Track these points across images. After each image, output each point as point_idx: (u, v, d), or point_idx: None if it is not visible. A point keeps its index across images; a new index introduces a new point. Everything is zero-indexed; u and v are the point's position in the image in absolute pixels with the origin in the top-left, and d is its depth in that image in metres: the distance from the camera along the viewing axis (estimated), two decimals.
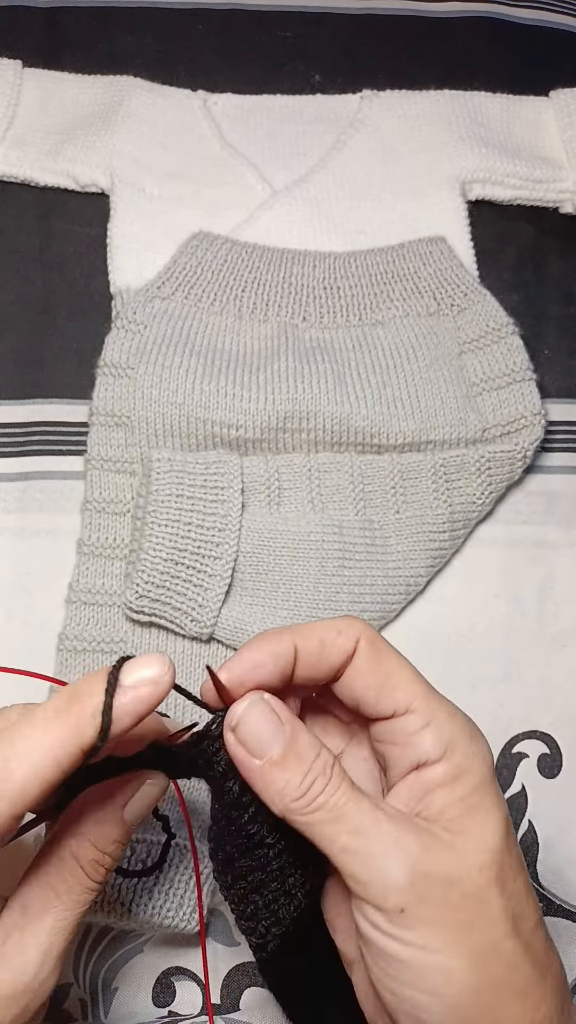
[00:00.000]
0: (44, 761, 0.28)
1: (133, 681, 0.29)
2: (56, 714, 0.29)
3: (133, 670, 0.30)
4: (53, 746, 0.28)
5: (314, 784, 0.31)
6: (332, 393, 0.53)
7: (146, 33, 0.65)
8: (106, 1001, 0.47)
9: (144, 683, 0.29)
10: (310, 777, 0.31)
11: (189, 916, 0.45)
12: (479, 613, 0.54)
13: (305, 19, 0.67)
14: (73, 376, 0.56)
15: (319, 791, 0.31)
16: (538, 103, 0.64)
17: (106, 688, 0.29)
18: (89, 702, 0.29)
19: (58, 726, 0.29)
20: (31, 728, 0.29)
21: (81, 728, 0.29)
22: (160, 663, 0.30)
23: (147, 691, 0.29)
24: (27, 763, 0.28)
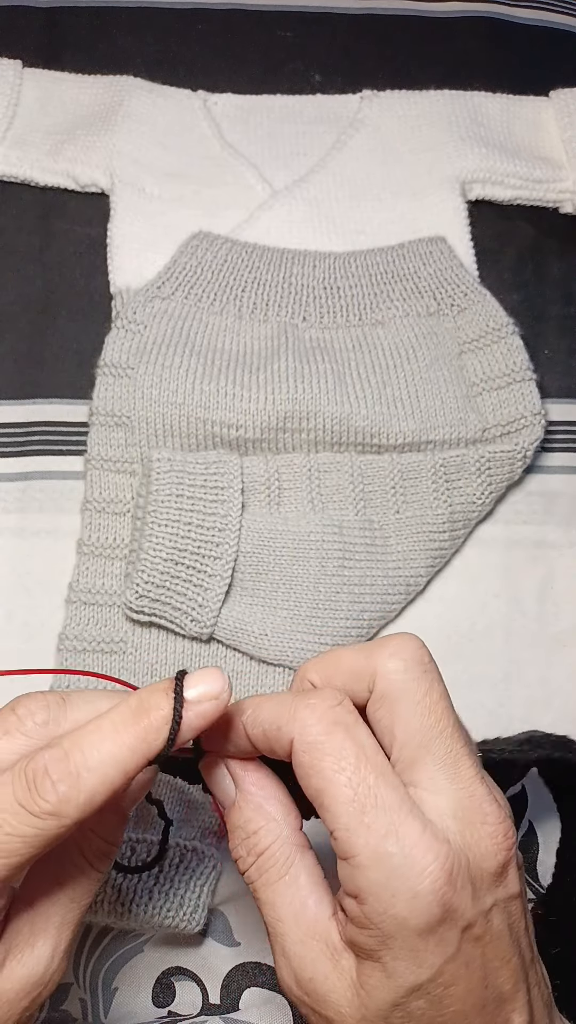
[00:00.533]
0: (114, 773, 0.29)
1: (196, 696, 0.30)
2: (124, 726, 0.29)
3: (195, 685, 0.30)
4: (122, 757, 0.29)
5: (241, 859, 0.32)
6: (332, 393, 0.53)
7: (146, 33, 0.65)
8: (106, 1001, 0.47)
9: (206, 698, 0.30)
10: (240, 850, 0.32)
11: (189, 916, 0.45)
12: (479, 613, 0.54)
13: (305, 19, 0.67)
14: (73, 376, 0.56)
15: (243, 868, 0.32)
16: (538, 103, 0.64)
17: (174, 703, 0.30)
18: (156, 715, 0.29)
19: (127, 737, 0.29)
20: (101, 738, 0.29)
21: (148, 740, 0.29)
22: (220, 679, 0.30)
23: (209, 706, 0.30)
24: (98, 774, 0.29)
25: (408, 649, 0.32)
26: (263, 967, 0.48)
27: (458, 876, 0.29)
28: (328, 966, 0.30)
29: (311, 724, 0.30)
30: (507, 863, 0.30)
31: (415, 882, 0.28)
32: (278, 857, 0.31)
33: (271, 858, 0.31)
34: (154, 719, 0.29)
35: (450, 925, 0.28)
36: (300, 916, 0.31)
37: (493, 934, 0.29)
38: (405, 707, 0.31)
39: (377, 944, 0.29)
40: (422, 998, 0.29)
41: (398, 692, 0.31)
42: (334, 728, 0.30)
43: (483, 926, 0.29)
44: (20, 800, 0.28)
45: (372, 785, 0.29)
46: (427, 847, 0.28)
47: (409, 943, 0.28)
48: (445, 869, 0.28)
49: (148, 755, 0.29)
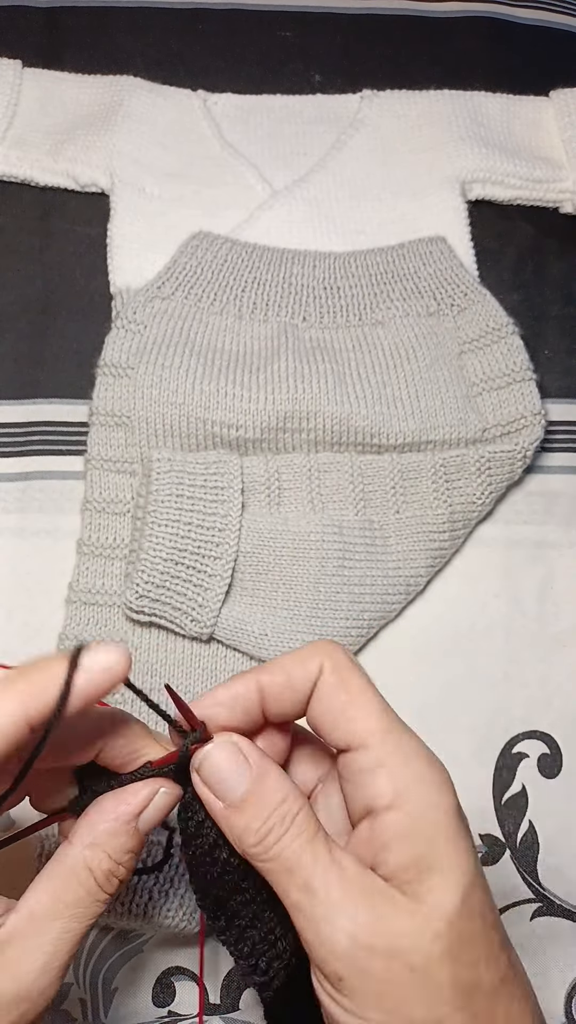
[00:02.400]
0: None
1: (88, 664, 0.29)
2: (2, 688, 0.29)
3: (91, 653, 0.29)
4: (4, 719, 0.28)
5: (271, 832, 0.31)
6: (332, 393, 0.53)
7: (146, 33, 0.65)
8: (106, 1001, 0.47)
9: (99, 668, 0.29)
10: (268, 824, 0.31)
11: (189, 916, 0.45)
12: (479, 613, 0.54)
13: (305, 19, 0.67)
14: (73, 376, 0.56)
15: (275, 840, 0.30)
16: (538, 103, 0.64)
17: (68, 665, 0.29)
18: (38, 678, 0.29)
19: (3, 699, 0.28)
20: None
21: (28, 703, 0.28)
22: (118, 653, 0.30)
23: (101, 677, 0.29)
24: None
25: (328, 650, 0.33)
26: None
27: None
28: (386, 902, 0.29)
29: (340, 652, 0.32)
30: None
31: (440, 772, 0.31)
32: (311, 818, 0.31)
33: (307, 817, 0.31)
34: (37, 681, 0.29)
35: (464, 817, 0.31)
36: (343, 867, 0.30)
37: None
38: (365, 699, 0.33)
39: (425, 847, 0.30)
40: (476, 890, 0.30)
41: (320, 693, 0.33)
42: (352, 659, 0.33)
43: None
44: None
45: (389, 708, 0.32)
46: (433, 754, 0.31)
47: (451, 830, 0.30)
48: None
49: (29, 716, 0.28)
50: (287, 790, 0.31)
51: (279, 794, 0.31)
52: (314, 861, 0.30)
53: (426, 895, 0.29)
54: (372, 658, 0.52)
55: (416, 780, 0.30)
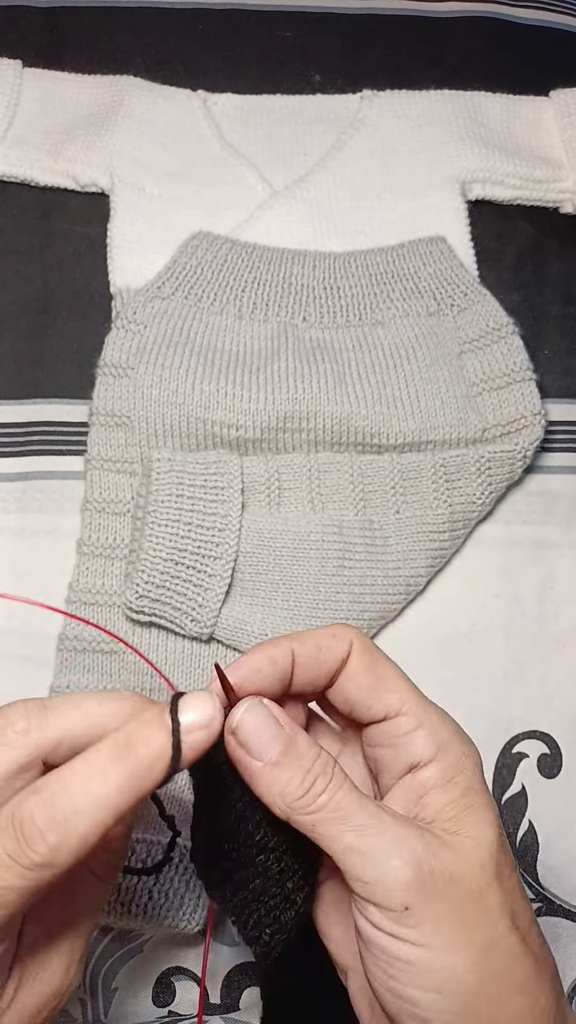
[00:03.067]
0: (104, 814, 0.28)
1: (188, 724, 0.29)
2: (112, 764, 0.28)
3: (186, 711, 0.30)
4: (111, 797, 0.28)
5: (316, 783, 0.31)
6: (332, 393, 0.53)
7: (146, 33, 0.65)
8: (106, 1001, 0.47)
9: (197, 727, 0.29)
10: (311, 776, 0.31)
11: (189, 916, 0.45)
12: (479, 613, 0.54)
13: (305, 19, 0.67)
14: (73, 376, 0.56)
15: (321, 790, 0.31)
16: (538, 103, 0.64)
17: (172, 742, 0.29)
18: (146, 750, 0.29)
19: (115, 776, 0.28)
20: (88, 779, 0.28)
21: (139, 776, 0.29)
22: (212, 705, 0.30)
23: (201, 736, 0.29)
24: (87, 817, 0.28)
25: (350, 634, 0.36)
26: None
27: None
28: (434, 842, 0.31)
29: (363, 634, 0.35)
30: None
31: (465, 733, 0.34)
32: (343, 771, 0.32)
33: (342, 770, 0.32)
34: (144, 755, 0.29)
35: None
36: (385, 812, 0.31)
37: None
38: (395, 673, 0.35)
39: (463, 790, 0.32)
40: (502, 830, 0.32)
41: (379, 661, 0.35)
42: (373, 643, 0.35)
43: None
44: (10, 853, 0.28)
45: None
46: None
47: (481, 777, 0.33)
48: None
49: (140, 793, 0.29)
50: (318, 747, 0.32)
51: (314, 749, 0.32)
52: (361, 806, 0.31)
53: (468, 830, 0.32)
54: None
55: (452, 736, 0.33)
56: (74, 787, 0.28)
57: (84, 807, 0.28)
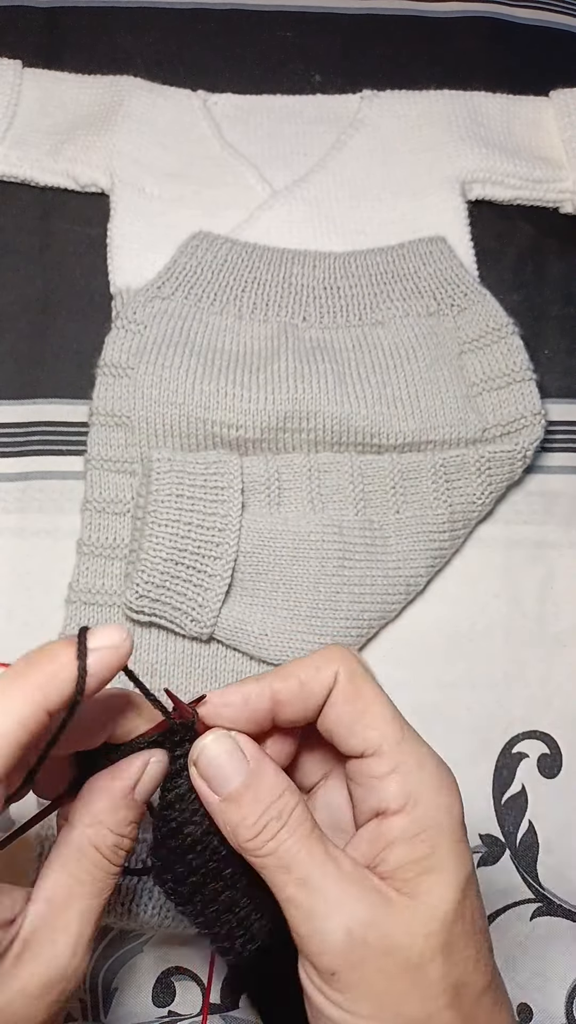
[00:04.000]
0: (9, 725, 0.28)
1: (95, 645, 0.30)
2: (15, 679, 0.29)
3: (95, 635, 0.30)
4: (16, 709, 0.28)
5: (267, 827, 0.31)
6: (332, 393, 0.53)
7: (146, 33, 0.65)
8: (106, 1001, 0.47)
9: (105, 647, 0.30)
10: (264, 819, 0.31)
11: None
12: (479, 613, 0.54)
13: (305, 19, 0.67)
14: (73, 376, 0.56)
15: (271, 835, 0.31)
16: (538, 103, 0.64)
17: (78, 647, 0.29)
18: (49, 665, 0.29)
19: (19, 690, 0.29)
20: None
21: (45, 689, 0.29)
22: (120, 631, 0.30)
23: (107, 655, 0.30)
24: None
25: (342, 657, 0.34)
26: None
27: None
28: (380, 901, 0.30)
29: (354, 659, 0.33)
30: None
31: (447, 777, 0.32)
32: (307, 814, 0.32)
33: (302, 813, 0.31)
34: (47, 668, 0.29)
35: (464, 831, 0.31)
36: (339, 863, 0.31)
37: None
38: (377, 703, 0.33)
39: (429, 848, 0.30)
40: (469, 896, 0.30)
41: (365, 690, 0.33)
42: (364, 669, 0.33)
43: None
44: None
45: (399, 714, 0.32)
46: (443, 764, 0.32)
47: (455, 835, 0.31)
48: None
49: (47, 705, 0.29)
50: (283, 786, 0.32)
51: (276, 789, 0.32)
52: (310, 857, 0.30)
53: (424, 895, 0.30)
54: (372, 658, 0.52)
55: (426, 786, 0.31)
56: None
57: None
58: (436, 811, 0.31)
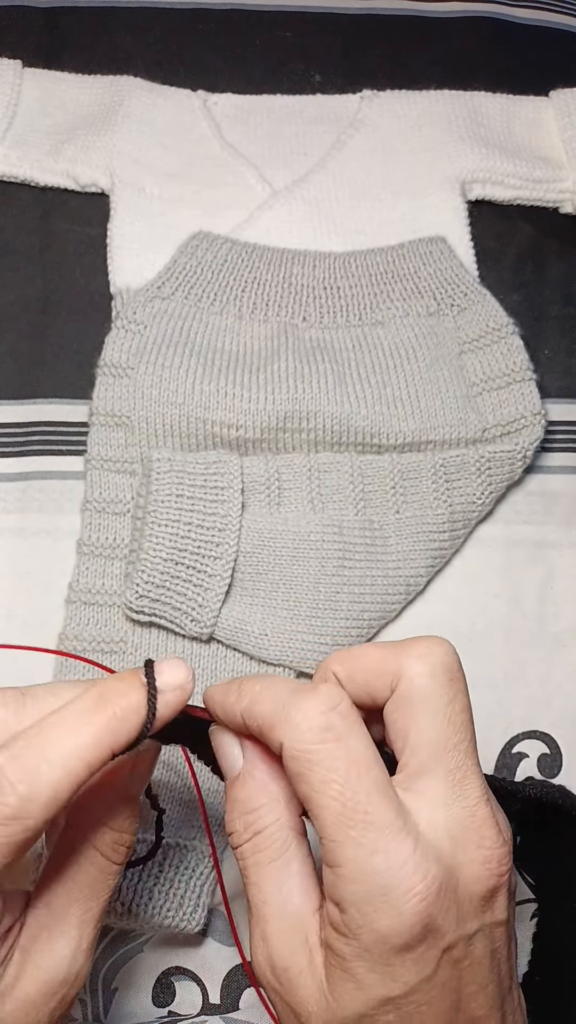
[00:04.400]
0: (77, 765, 0.28)
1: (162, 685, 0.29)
2: (87, 716, 0.28)
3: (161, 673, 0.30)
4: (85, 749, 0.28)
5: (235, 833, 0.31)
6: (332, 393, 0.53)
7: (146, 33, 0.65)
8: (106, 1001, 0.47)
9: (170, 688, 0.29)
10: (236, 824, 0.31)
11: (189, 916, 0.45)
12: (479, 613, 0.54)
13: (305, 19, 0.67)
14: (73, 376, 0.56)
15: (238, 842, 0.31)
16: (538, 103, 0.64)
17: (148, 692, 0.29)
18: (118, 704, 0.29)
19: (91, 727, 0.28)
20: (62, 732, 0.28)
21: (114, 729, 0.28)
22: (185, 669, 0.30)
23: (174, 696, 0.29)
24: (59, 768, 0.27)
25: (437, 654, 0.31)
26: None
27: (444, 898, 0.28)
28: (304, 961, 0.29)
29: (302, 731, 0.29)
30: (497, 889, 0.29)
31: (399, 901, 0.27)
32: (275, 839, 0.31)
33: (268, 838, 0.31)
34: (119, 709, 0.29)
35: (430, 945, 0.28)
36: (286, 904, 0.30)
37: (473, 959, 0.29)
38: (424, 714, 0.30)
39: (353, 953, 0.28)
40: (392, 1012, 0.28)
41: (420, 697, 0.30)
42: (325, 736, 0.29)
43: (464, 950, 0.29)
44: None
45: (363, 800, 0.28)
46: (415, 866, 0.28)
47: (385, 958, 0.28)
48: (432, 889, 0.28)
49: (115, 746, 0.28)
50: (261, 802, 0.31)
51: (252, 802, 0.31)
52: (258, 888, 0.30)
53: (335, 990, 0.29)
54: None
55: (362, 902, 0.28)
56: (47, 739, 0.28)
57: (56, 758, 0.27)
58: (363, 931, 0.28)
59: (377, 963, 0.28)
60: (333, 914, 0.29)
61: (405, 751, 0.30)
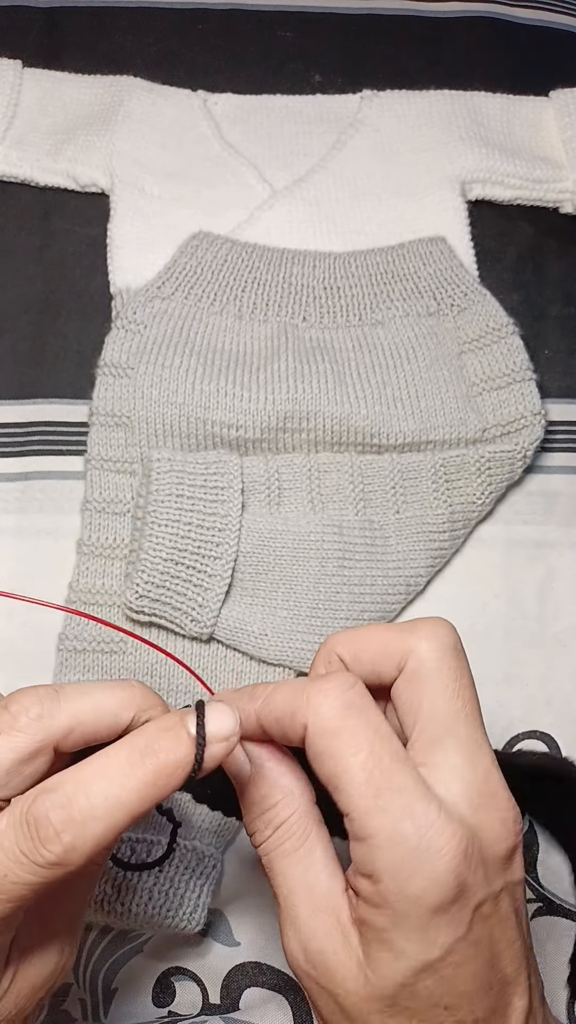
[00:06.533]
0: (122, 818, 0.28)
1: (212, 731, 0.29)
2: (132, 768, 0.28)
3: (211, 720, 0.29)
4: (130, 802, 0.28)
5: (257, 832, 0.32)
6: (332, 393, 0.53)
7: (146, 33, 0.65)
8: (106, 1001, 0.47)
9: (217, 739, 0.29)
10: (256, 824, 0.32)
11: (189, 916, 0.45)
12: (479, 613, 0.54)
13: (305, 19, 0.67)
14: (73, 376, 0.56)
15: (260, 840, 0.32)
16: (538, 103, 0.64)
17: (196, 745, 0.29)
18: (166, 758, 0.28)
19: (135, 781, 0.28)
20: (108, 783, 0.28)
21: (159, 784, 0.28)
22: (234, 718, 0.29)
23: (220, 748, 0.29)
24: (104, 822, 0.28)
25: (443, 633, 0.33)
26: (263, 967, 0.48)
27: (473, 856, 0.29)
28: (338, 941, 0.30)
29: (325, 709, 0.30)
30: (515, 847, 0.31)
31: (433, 861, 0.28)
32: (295, 829, 0.31)
33: (289, 829, 0.31)
34: (166, 762, 0.28)
35: (463, 904, 0.29)
36: (314, 889, 0.31)
37: (501, 915, 0.30)
38: (434, 689, 0.31)
39: (389, 923, 0.29)
40: (430, 977, 0.29)
41: (429, 673, 0.32)
42: (348, 712, 0.30)
43: (492, 906, 0.30)
44: (23, 850, 0.28)
45: (387, 768, 0.29)
46: (443, 827, 0.29)
47: (422, 922, 0.28)
48: (461, 849, 0.29)
49: (158, 798, 0.28)
50: (278, 797, 0.32)
51: (269, 799, 0.32)
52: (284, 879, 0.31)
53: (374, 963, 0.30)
54: None
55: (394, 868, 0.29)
56: (93, 789, 0.28)
57: (102, 810, 0.27)
58: (399, 898, 0.29)
59: (414, 929, 0.29)
60: (366, 888, 0.29)
61: (417, 725, 0.31)
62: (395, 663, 0.32)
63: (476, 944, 0.29)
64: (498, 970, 0.30)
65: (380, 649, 0.33)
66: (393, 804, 0.29)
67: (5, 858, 0.28)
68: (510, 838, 0.30)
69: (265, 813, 0.32)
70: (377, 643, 0.33)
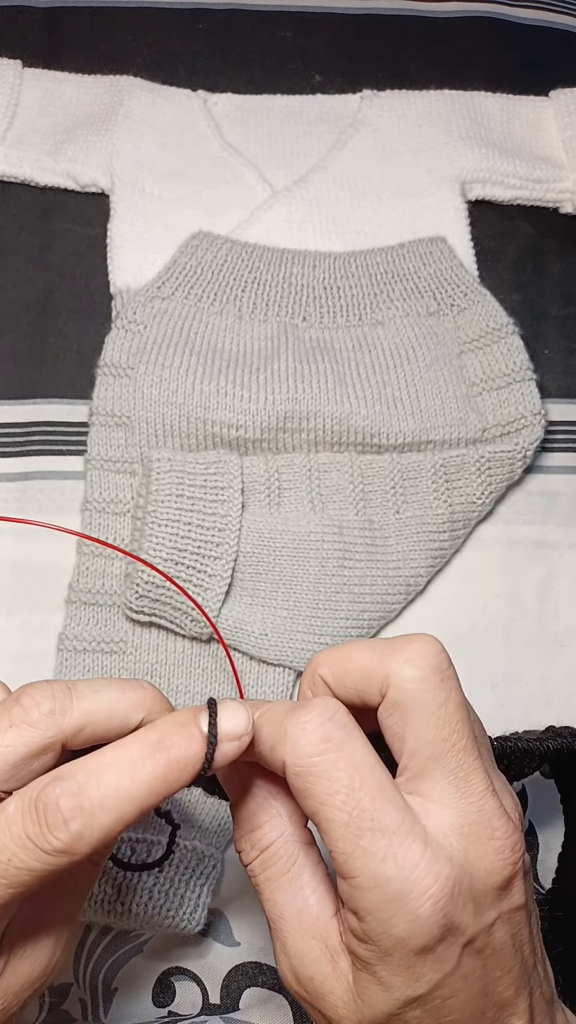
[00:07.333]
0: (130, 810, 0.28)
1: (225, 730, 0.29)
2: (144, 762, 0.28)
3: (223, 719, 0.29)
4: (140, 795, 0.28)
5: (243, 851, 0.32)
6: (332, 393, 0.53)
7: (146, 33, 0.65)
8: (106, 1001, 0.47)
9: (228, 739, 0.29)
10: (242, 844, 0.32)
11: (189, 916, 0.45)
12: (479, 613, 0.54)
13: (305, 19, 0.67)
14: (73, 376, 0.56)
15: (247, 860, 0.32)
16: (538, 103, 0.64)
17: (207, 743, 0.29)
18: (178, 755, 0.28)
19: (146, 775, 0.28)
20: (119, 774, 0.28)
21: (169, 780, 0.28)
22: (247, 718, 0.29)
23: (232, 747, 0.29)
24: (113, 813, 0.28)
25: (426, 656, 0.30)
26: (263, 967, 0.48)
27: (460, 896, 0.28)
28: (327, 967, 0.30)
29: (303, 743, 0.29)
30: (513, 877, 0.29)
31: (415, 905, 0.27)
32: (282, 854, 0.31)
33: (275, 854, 0.31)
34: (178, 757, 0.28)
35: (450, 943, 0.28)
36: (302, 914, 0.30)
37: (495, 946, 0.29)
38: (418, 717, 0.30)
39: (375, 958, 0.28)
40: (419, 1008, 0.28)
41: (411, 702, 0.30)
42: (324, 748, 0.28)
43: (484, 940, 0.29)
44: (30, 835, 0.28)
45: (367, 807, 0.28)
46: (427, 869, 0.28)
47: (407, 960, 0.28)
48: (447, 890, 0.28)
49: (167, 793, 0.28)
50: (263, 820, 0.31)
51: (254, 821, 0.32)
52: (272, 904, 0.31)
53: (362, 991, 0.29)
54: None
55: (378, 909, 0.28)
56: (104, 779, 0.28)
57: (111, 801, 0.28)
58: (383, 937, 0.28)
59: (399, 966, 0.28)
60: (352, 922, 0.29)
61: (404, 754, 0.30)
62: (377, 688, 0.31)
63: (466, 977, 0.29)
64: (493, 995, 0.29)
65: (361, 672, 0.31)
66: (375, 845, 0.28)
67: (11, 842, 0.28)
68: (506, 868, 0.29)
69: (252, 833, 0.31)
70: (359, 664, 0.31)
